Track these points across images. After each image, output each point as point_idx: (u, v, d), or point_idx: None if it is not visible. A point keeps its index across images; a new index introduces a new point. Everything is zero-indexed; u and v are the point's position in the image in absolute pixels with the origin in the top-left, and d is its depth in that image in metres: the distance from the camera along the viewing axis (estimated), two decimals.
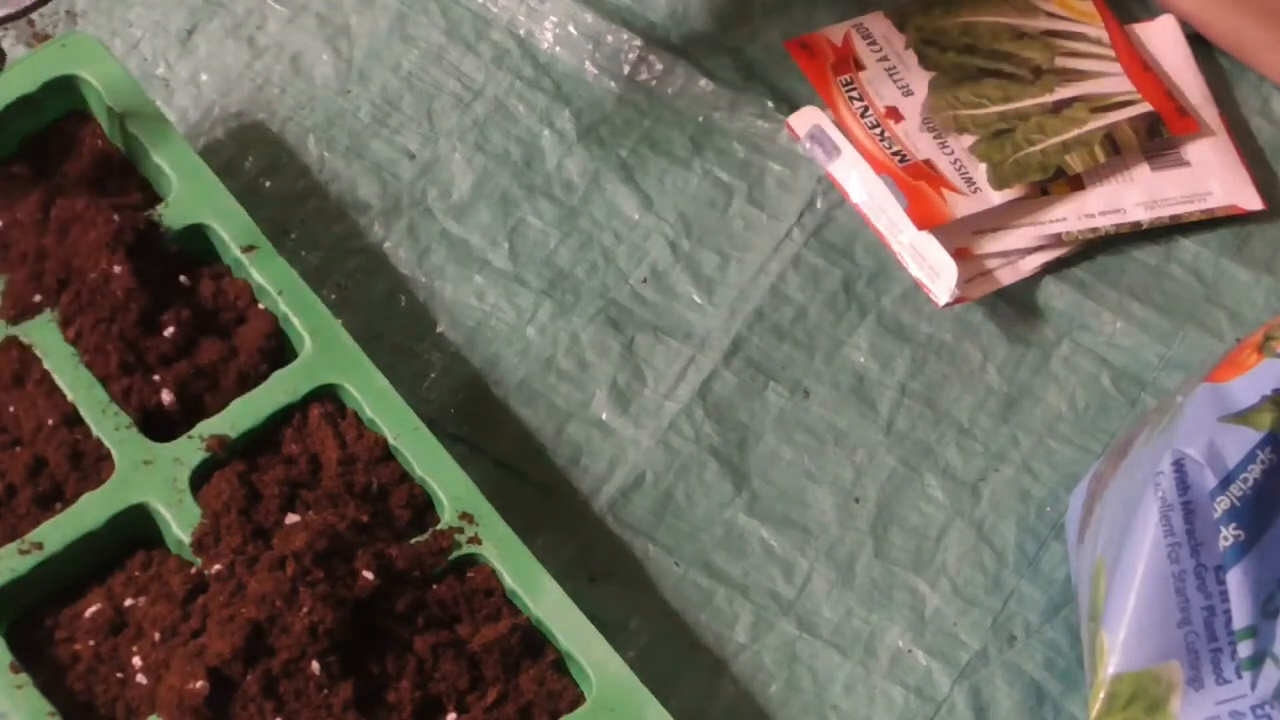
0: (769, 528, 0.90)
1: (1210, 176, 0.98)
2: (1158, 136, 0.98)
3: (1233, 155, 0.99)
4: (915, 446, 0.92)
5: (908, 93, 0.98)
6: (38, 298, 0.87)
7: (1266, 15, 1.01)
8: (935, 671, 0.87)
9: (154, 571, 0.82)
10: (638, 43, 1.00)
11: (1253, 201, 0.98)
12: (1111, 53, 1.01)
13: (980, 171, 0.96)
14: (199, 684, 0.78)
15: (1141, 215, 0.97)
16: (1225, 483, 0.78)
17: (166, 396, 0.85)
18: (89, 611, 0.81)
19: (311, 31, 0.99)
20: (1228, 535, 0.78)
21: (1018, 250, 0.96)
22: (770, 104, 0.99)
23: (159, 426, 0.85)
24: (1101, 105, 0.99)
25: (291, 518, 0.83)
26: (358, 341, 0.87)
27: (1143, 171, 0.98)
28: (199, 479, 0.83)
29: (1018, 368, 0.94)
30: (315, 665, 0.79)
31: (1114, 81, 1.00)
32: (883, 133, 0.97)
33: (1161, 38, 1.03)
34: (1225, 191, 0.98)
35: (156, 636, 0.80)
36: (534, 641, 0.82)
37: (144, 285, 0.86)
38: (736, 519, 0.90)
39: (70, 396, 0.85)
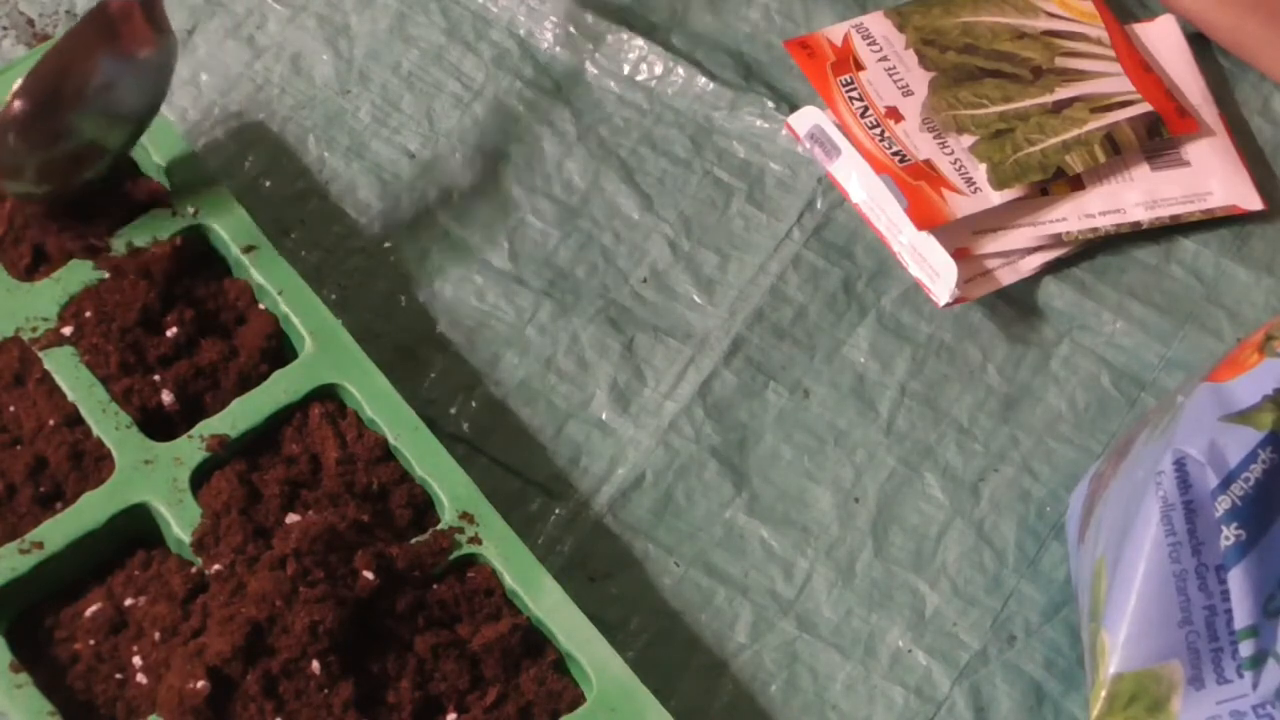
0: (769, 528, 0.90)
1: (1210, 176, 0.99)
2: (1158, 136, 0.99)
3: (1233, 155, 0.99)
4: (915, 446, 0.92)
5: (908, 93, 0.98)
6: None
7: (1270, 14, 1.01)
8: (935, 671, 0.87)
9: (154, 571, 0.82)
10: (638, 43, 1.00)
11: (1253, 201, 0.98)
12: (1111, 53, 1.01)
13: (980, 171, 0.96)
14: (199, 684, 0.78)
15: (1141, 215, 0.97)
16: (1226, 482, 0.78)
17: (167, 396, 0.85)
18: (89, 611, 0.81)
19: (311, 31, 0.99)
20: (1229, 535, 0.78)
21: (1018, 250, 0.96)
22: (770, 104, 0.99)
23: (159, 426, 0.85)
24: (1101, 105, 0.99)
25: (292, 517, 0.83)
26: (358, 341, 0.87)
27: (1143, 171, 0.98)
28: (199, 479, 0.83)
29: (1018, 368, 0.94)
30: (315, 665, 0.79)
31: (1114, 81, 1.00)
32: (883, 133, 0.97)
33: (1161, 38, 1.03)
34: (1225, 191, 0.98)
35: (156, 636, 0.80)
36: (534, 641, 0.82)
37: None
38: (736, 519, 0.90)
39: (71, 396, 0.85)
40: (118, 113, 0.87)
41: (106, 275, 0.87)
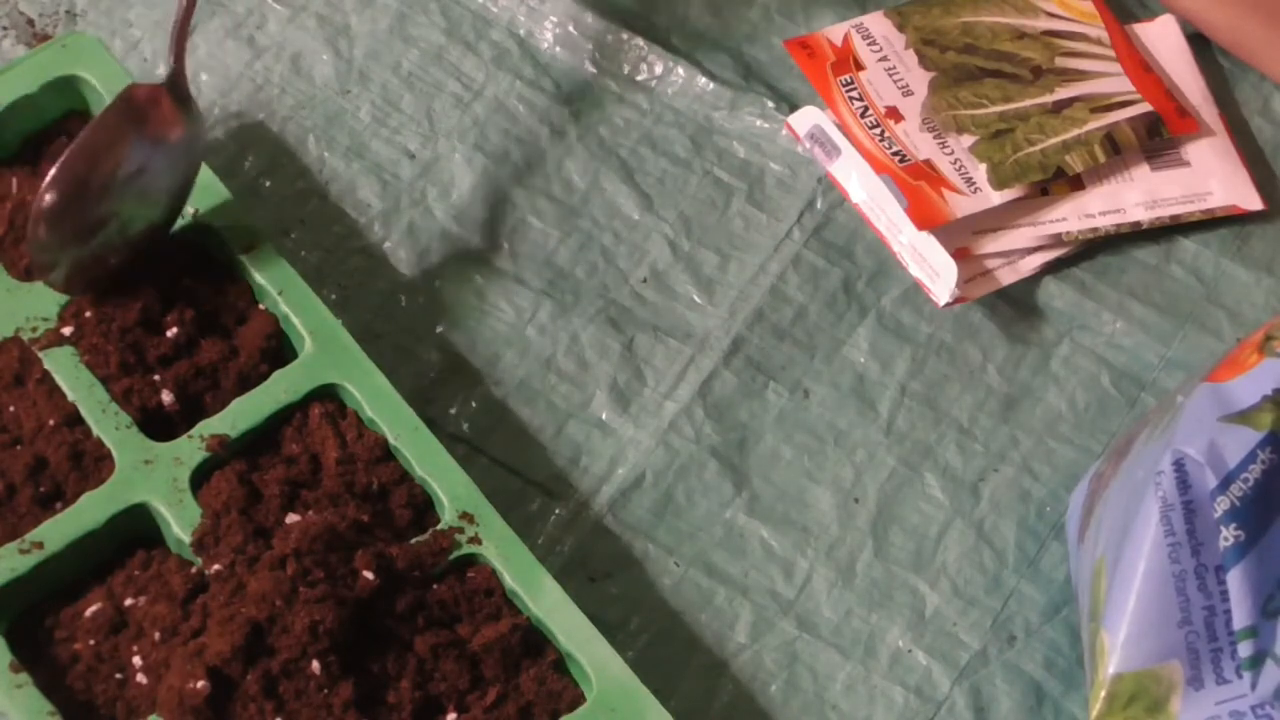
0: (769, 528, 0.90)
1: (1210, 176, 0.99)
2: (1158, 136, 0.99)
3: (1233, 155, 0.99)
4: (915, 446, 0.92)
5: (908, 93, 0.98)
6: None
7: (1269, 14, 1.01)
8: (935, 671, 0.87)
9: (154, 571, 0.82)
10: (638, 43, 1.00)
11: (1253, 201, 0.98)
12: (1111, 53, 1.01)
13: (980, 171, 0.96)
14: (199, 684, 0.78)
15: (1141, 215, 0.97)
16: (1226, 483, 0.78)
17: (166, 396, 0.85)
18: (89, 611, 0.81)
19: (311, 31, 0.99)
20: (1228, 535, 0.78)
21: (1018, 250, 0.96)
22: (770, 104, 0.99)
23: (159, 426, 0.85)
24: (1101, 105, 0.99)
25: (292, 517, 0.83)
26: (358, 341, 0.87)
27: (1143, 171, 0.98)
28: (199, 479, 0.83)
29: (1018, 368, 0.94)
30: (315, 665, 0.79)
31: (1114, 81, 1.00)
32: (883, 133, 0.97)
33: (1161, 38, 1.03)
34: (1225, 191, 0.98)
35: (156, 636, 0.80)
36: (534, 641, 0.82)
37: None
38: (736, 519, 0.90)
39: (71, 396, 0.85)
40: (151, 197, 0.86)
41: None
